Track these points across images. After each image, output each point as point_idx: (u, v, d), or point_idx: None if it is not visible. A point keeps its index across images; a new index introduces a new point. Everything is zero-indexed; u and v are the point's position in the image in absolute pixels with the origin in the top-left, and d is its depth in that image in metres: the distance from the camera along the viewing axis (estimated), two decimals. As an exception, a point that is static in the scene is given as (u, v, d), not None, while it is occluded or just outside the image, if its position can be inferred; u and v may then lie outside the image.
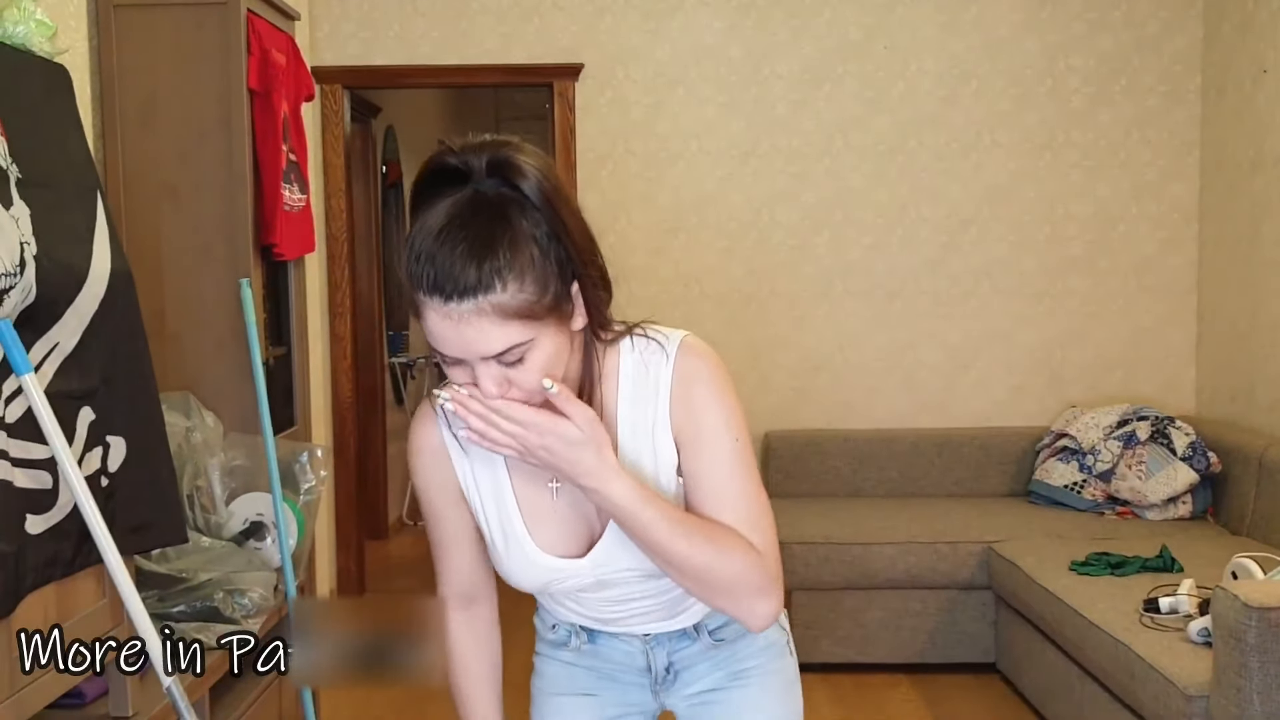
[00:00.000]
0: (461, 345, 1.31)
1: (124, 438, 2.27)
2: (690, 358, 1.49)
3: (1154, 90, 5.07)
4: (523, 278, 1.29)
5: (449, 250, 1.28)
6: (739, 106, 5.16)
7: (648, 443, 1.49)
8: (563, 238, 1.34)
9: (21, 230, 1.89)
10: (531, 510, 1.54)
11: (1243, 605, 2.57)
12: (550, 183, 1.34)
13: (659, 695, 1.74)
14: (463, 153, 1.33)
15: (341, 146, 5.23)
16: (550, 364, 1.35)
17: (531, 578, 1.56)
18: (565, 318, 1.37)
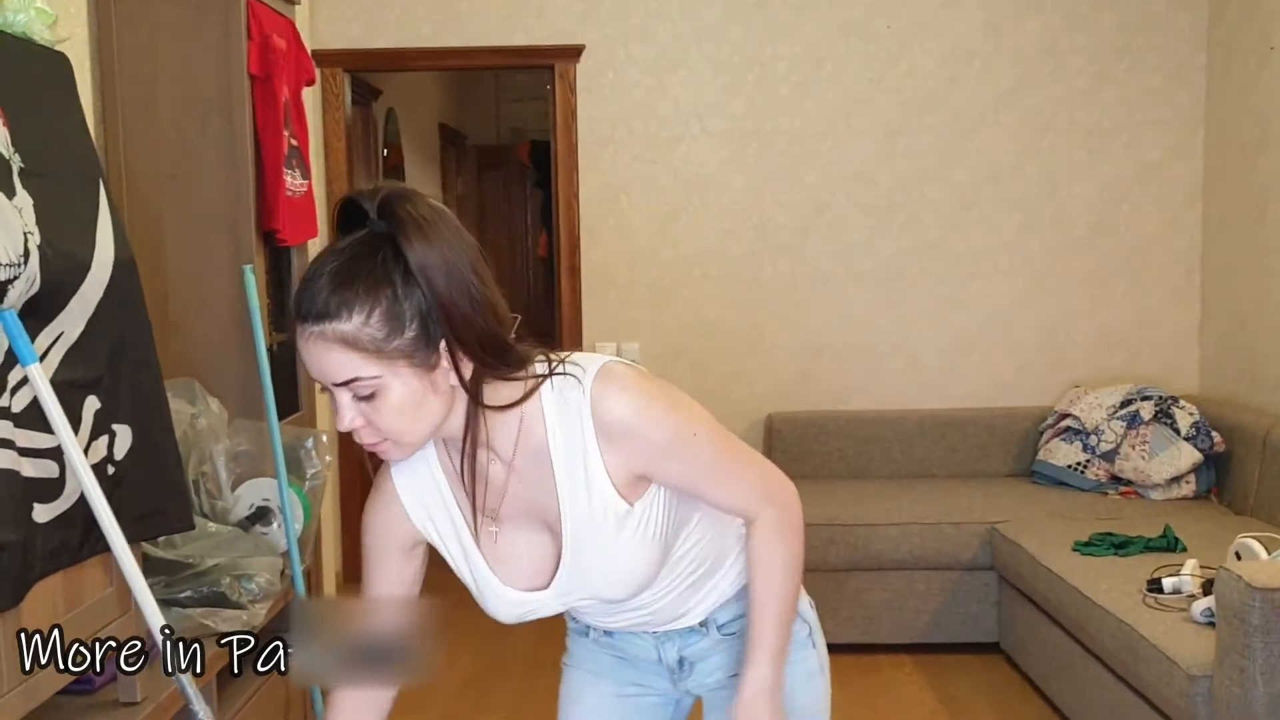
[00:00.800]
0: (315, 368, 1.39)
1: (130, 426, 2.28)
2: (609, 397, 1.47)
3: (1158, 69, 5.05)
4: (370, 314, 1.34)
5: (315, 277, 1.36)
6: (741, 87, 5.14)
7: (581, 476, 1.50)
8: (432, 292, 1.35)
9: (25, 220, 1.89)
10: (491, 550, 1.59)
11: (1246, 586, 2.57)
12: (435, 237, 1.36)
13: (678, 685, 1.79)
14: (363, 195, 1.39)
15: (343, 130, 5.22)
16: (406, 409, 1.39)
17: (505, 612, 1.63)
18: (425, 368, 1.38)
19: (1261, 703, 2.57)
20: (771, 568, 1.60)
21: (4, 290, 1.82)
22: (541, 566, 1.58)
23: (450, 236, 1.38)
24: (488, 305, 1.40)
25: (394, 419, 1.39)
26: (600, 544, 1.53)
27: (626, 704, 1.80)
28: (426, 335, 1.37)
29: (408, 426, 1.41)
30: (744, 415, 5.18)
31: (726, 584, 1.71)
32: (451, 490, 1.57)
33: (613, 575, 1.56)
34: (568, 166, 5.22)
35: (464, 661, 4.36)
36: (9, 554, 1.88)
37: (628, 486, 1.52)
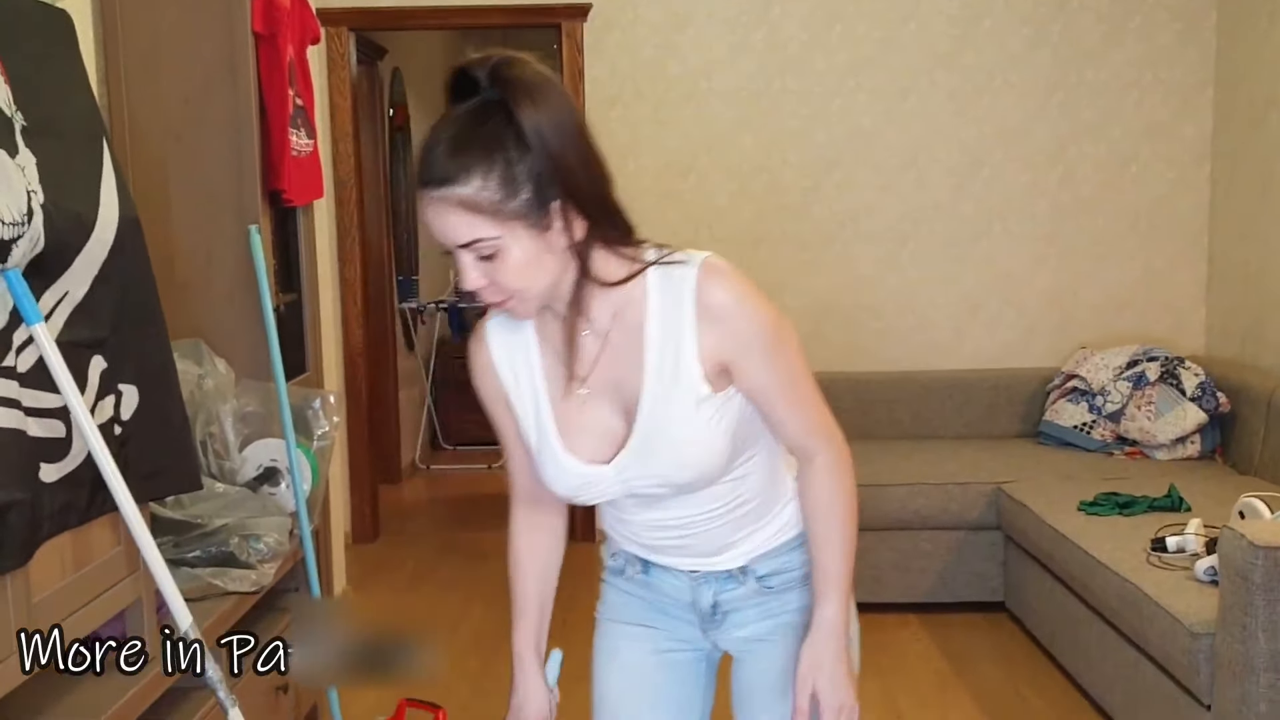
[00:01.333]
0: (438, 231, 1.46)
1: (136, 386, 2.28)
2: (715, 282, 1.54)
3: (1168, 28, 5.01)
4: (486, 178, 1.40)
5: (434, 145, 1.44)
6: (750, 46, 5.11)
7: (671, 353, 1.55)
8: (545, 153, 1.42)
9: (28, 179, 1.89)
10: (564, 418, 1.63)
11: (1249, 544, 2.58)
12: (544, 100, 1.43)
13: (709, 634, 1.79)
14: (474, 64, 1.45)
15: (348, 90, 5.20)
16: (526, 267, 1.46)
17: (562, 482, 1.65)
18: (540, 229, 1.45)
19: (1263, 659, 2.58)
20: (835, 507, 1.65)
21: (8, 249, 1.82)
22: (608, 444, 1.62)
23: (558, 100, 1.45)
24: (597, 165, 1.49)
25: (514, 277, 1.46)
26: (675, 420, 1.56)
27: (662, 659, 1.81)
28: (541, 196, 1.43)
29: (528, 283, 1.48)
30: (751, 376, 5.18)
31: (770, 532, 1.73)
32: (540, 355, 1.63)
33: (680, 454, 1.58)
34: (574, 126, 5.20)
35: (474, 617, 4.40)
36: (16, 513, 1.89)
37: (713, 373, 1.56)
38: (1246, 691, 2.62)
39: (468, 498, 6.59)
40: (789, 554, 1.73)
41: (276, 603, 3.32)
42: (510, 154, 1.41)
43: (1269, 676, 2.59)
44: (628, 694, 1.82)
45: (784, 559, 1.73)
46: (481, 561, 5.18)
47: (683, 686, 1.82)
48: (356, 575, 4.98)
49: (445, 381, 7.70)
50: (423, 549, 5.47)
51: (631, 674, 1.82)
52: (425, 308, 7.37)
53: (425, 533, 5.82)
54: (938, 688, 3.75)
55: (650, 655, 1.81)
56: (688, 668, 1.83)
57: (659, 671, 1.81)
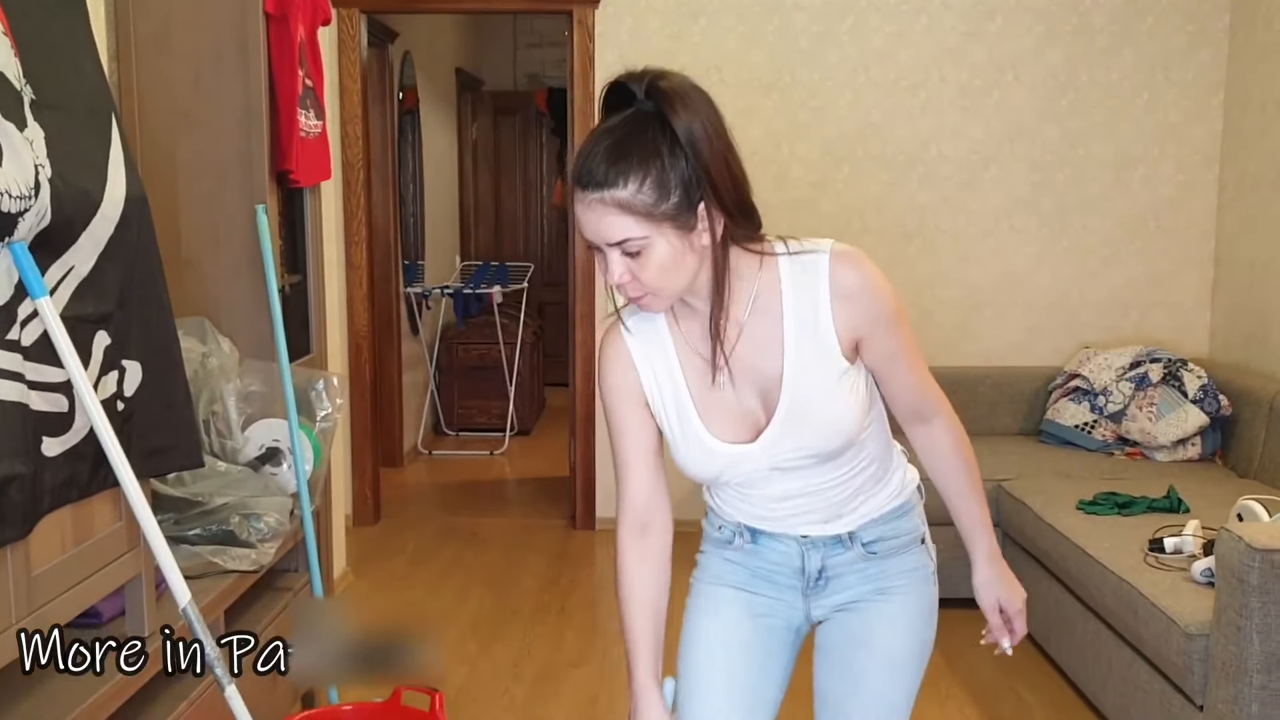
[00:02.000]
0: (592, 230, 1.57)
1: (140, 362, 2.29)
2: (843, 264, 1.68)
3: (1180, 30, 5.00)
4: (643, 182, 1.53)
5: (593, 150, 1.55)
6: (760, 38, 5.11)
7: (810, 335, 1.68)
8: (694, 160, 1.54)
9: (36, 153, 1.90)
10: (704, 405, 1.74)
11: (1246, 547, 2.58)
12: (694, 113, 1.55)
13: (809, 599, 1.89)
14: (630, 78, 1.58)
15: (358, 72, 5.20)
16: (668, 265, 1.58)
17: (708, 465, 1.76)
18: (686, 229, 1.57)
19: (1257, 660, 2.59)
20: (962, 457, 1.86)
21: (14, 222, 1.83)
22: (747, 426, 1.74)
23: (706, 108, 1.58)
24: (738, 166, 1.61)
25: (657, 274, 1.58)
26: (820, 391, 1.69)
27: (757, 623, 1.89)
28: (688, 200, 1.55)
29: (668, 281, 1.60)
30: (754, 368, 5.19)
31: (884, 498, 1.86)
32: (675, 346, 1.75)
33: (828, 420, 1.71)
34: (584, 114, 5.20)
35: (473, 602, 4.41)
36: (18, 486, 1.90)
37: (848, 347, 1.70)
38: (1239, 692, 2.62)
39: (469, 484, 6.61)
40: (894, 521, 1.87)
41: (276, 582, 3.33)
42: (664, 160, 1.53)
43: (1262, 678, 2.60)
44: (721, 646, 1.88)
45: (889, 526, 1.86)
46: (481, 547, 5.19)
47: (770, 651, 1.90)
48: (356, 558, 4.99)
49: (449, 367, 7.71)
50: (423, 533, 5.48)
51: (729, 630, 1.89)
52: (430, 293, 7.38)
53: (426, 517, 5.83)
54: (932, 683, 3.76)
55: (747, 618, 1.89)
56: (779, 636, 1.91)
57: (754, 634, 1.89)
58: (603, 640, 4.13)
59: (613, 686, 3.75)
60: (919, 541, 1.93)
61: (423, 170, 7.37)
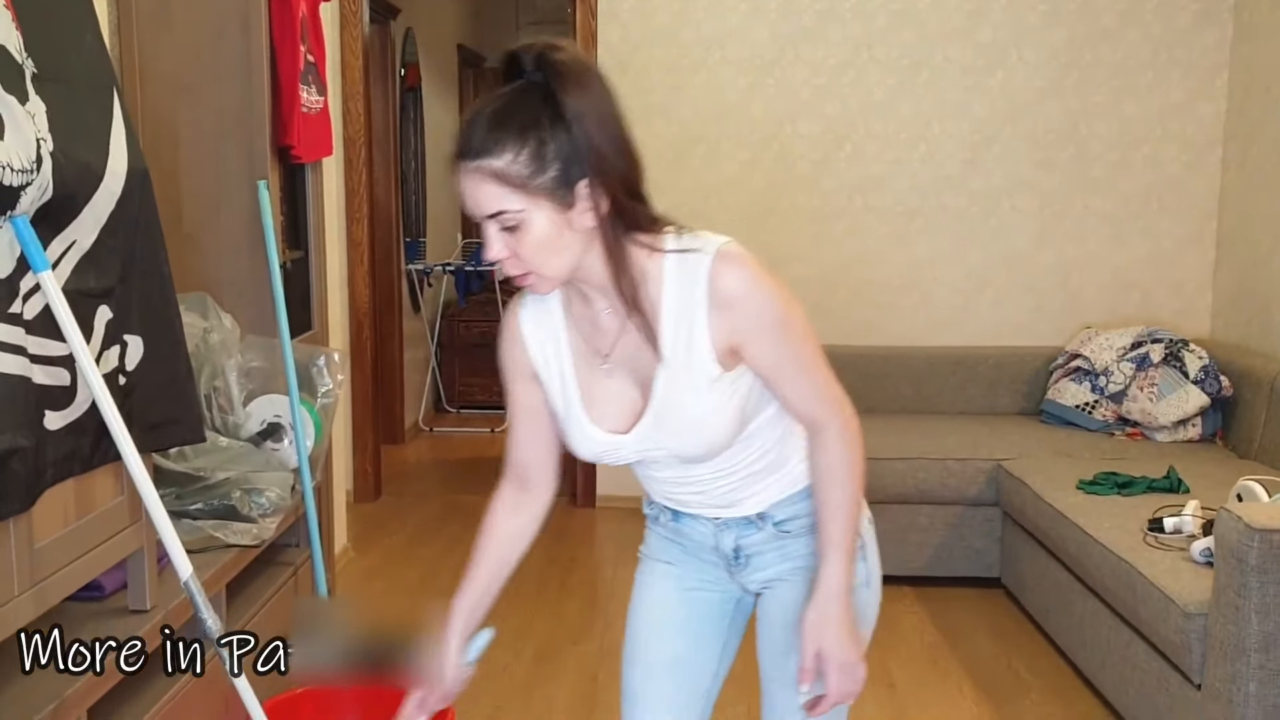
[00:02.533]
0: (470, 201, 1.54)
1: (141, 337, 2.29)
2: (728, 270, 1.61)
3: (1185, 9, 4.97)
4: (518, 153, 1.49)
5: (473, 119, 1.53)
6: (763, 15, 5.09)
7: (685, 339, 1.63)
8: (579, 137, 1.50)
9: (38, 126, 1.89)
10: (589, 390, 1.73)
11: (1245, 526, 2.59)
12: (584, 89, 1.52)
13: (735, 576, 1.90)
14: (523, 48, 1.54)
15: (360, 48, 5.18)
16: (545, 243, 1.55)
17: (586, 448, 1.76)
18: (564, 206, 1.53)
19: (1254, 640, 2.60)
20: (840, 474, 1.73)
21: (16, 196, 1.82)
22: (628, 415, 1.72)
23: (599, 87, 1.55)
24: (630, 153, 1.58)
25: (534, 251, 1.55)
26: (687, 399, 1.66)
27: (688, 596, 1.92)
28: (567, 176, 1.51)
29: (547, 260, 1.56)
30: (755, 347, 5.19)
31: (785, 483, 1.82)
32: (567, 330, 1.74)
33: (691, 430, 1.69)
34: (585, 91, 5.18)
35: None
36: (20, 459, 1.90)
37: (724, 355, 1.64)
38: (1237, 671, 2.63)
39: (470, 460, 6.62)
40: (804, 500, 1.82)
41: (277, 557, 3.35)
42: (544, 133, 1.50)
43: (1259, 657, 2.61)
44: (653, 623, 1.93)
45: (800, 505, 1.82)
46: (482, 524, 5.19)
47: (705, 622, 1.93)
48: (357, 534, 5.01)
49: (450, 344, 7.72)
50: (424, 510, 5.50)
51: (659, 605, 1.93)
52: (432, 270, 7.37)
53: (427, 494, 5.84)
54: (931, 660, 3.77)
55: (677, 591, 1.92)
56: (713, 606, 1.93)
57: (684, 606, 1.92)
58: (603, 618, 4.14)
59: (613, 664, 3.75)
60: None
61: (424, 147, 7.35)
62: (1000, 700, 3.49)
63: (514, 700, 3.49)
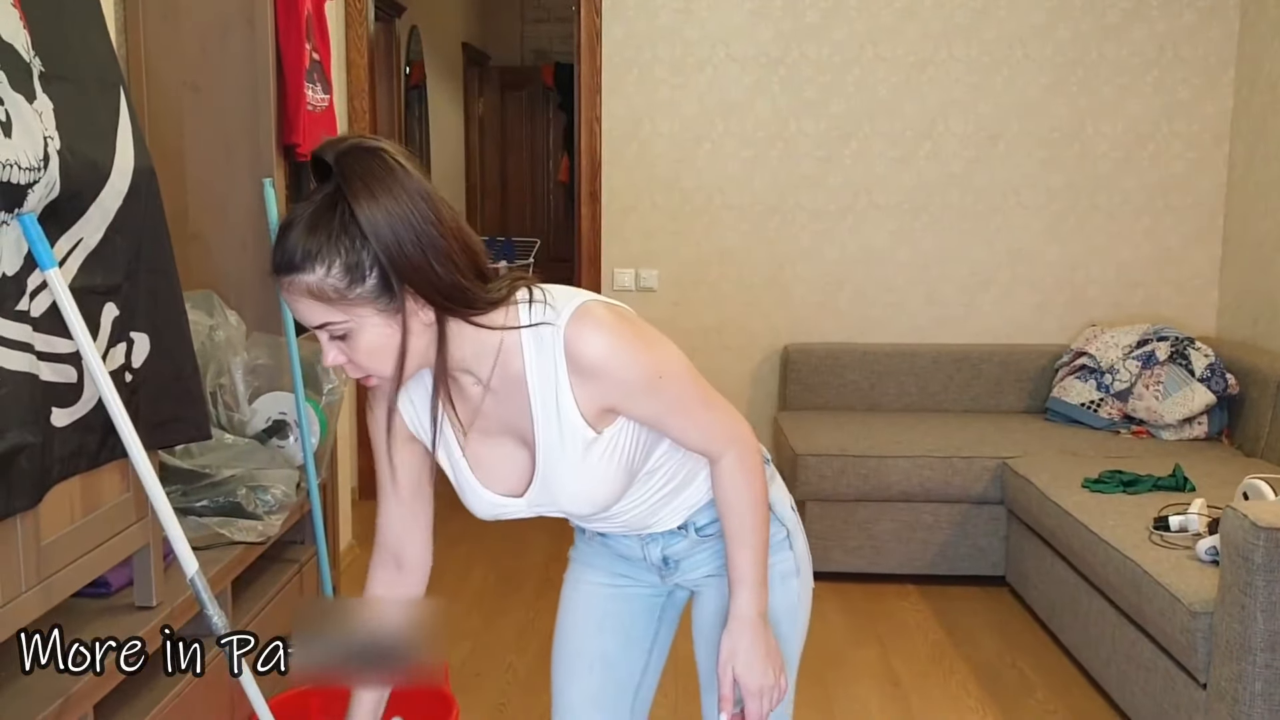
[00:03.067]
0: (294, 313, 1.48)
1: (148, 334, 2.30)
2: (581, 337, 1.55)
3: (1191, 6, 4.96)
4: (330, 267, 1.41)
5: (285, 231, 1.44)
6: (768, 13, 5.08)
7: (553, 405, 1.59)
8: (381, 246, 1.41)
9: (45, 124, 1.90)
10: (475, 456, 1.69)
11: (1251, 525, 2.59)
12: (383, 193, 1.41)
13: (667, 579, 1.90)
14: (325, 148, 1.44)
15: (365, 46, 5.18)
16: (378, 348, 1.47)
17: (481, 509, 1.73)
18: (390, 312, 1.45)
19: (1260, 639, 2.59)
20: (739, 506, 1.69)
21: (24, 194, 1.83)
22: (518, 475, 1.68)
23: (400, 192, 1.42)
24: (444, 255, 1.44)
25: (367, 358, 1.48)
26: (567, 467, 1.62)
27: (615, 592, 1.92)
28: (386, 282, 1.43)
29: (382, 365, 1.49)
30: (760, 346, 5.20)
31: (700, 494, 1.80)
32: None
33: (579, 495, 1.66)
34: (590, 90, 5.19)
35: (477, 575, 4.42)
36: (27, 455, 1.91)
37: (595, 417, 1.60)
38: (1243, 670, 2.63)
39: (474, 458, 6.62)
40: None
41: (282, 554, 3.35)
42: (355, 243, 1.41)
43: (1265, 656, 2.60)
44: (579, 618, 1.93)
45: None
46: (485, 522, 5.20)
47: (634, 619, 1.93)
48: (362, 531, 5.01)
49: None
50: (428, 507, 5.49)
51: (586, 600, 1.93)
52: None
53: (431, 491, 5.84)
54: (935, 658, 3.77)
55: (604, 586, 1.92)
56: (641, 601, 1.93)
57: (611, 601, 1.92)
58: (607, 614, 4.15)
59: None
60: None
61: (429, 145, 7.36)
62: (1005, 699, 3.49)
63: (518, 696, 3.50)
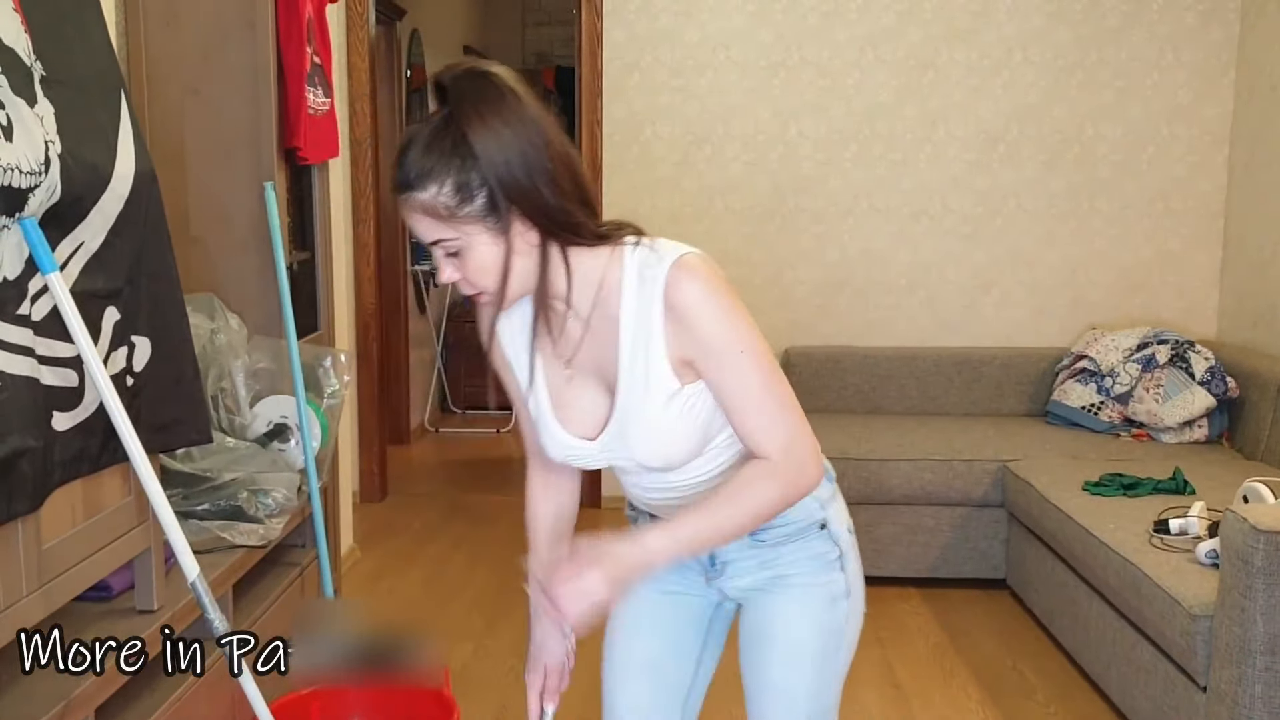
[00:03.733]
0: (411, 229, 1.58)
1: (149, 338, 2.30)
2: (682, 281, 1.58)
3: (1191, 9, 4.97)
4: (443, 185, 1.50)
5: (404, 150, 1.52)
6: (769, 16, 5.09)
7: (643, 346, 1.62)
8: (490, 167, 1.49)
9: (46, 128, 1.90)
10: (558, 394, 1.73)
11: (1251, 528, 2.59)
12: (494, 116, 1.49)
13: (713, 583, 1.87)
14: (440, 75, 1.53)
15: (366, 49, 5.19)
16: (487, 267, 1.55)
17: (554, 450, 1.77)
18: (498, 232, 1.53)
19: (1260, 642, 2.59)
20: (739, 495, 1.62)
21: (25, 198, 1.83)
22: (595, 420, 1.71)
23: (511, 115, 1.50)
24: (550, 180, 1.52)
25: (476, 275, 1.56)
26: (646, 413, 1.65)
27: (664, 599, 1.91)
28: (494, 203, 1.51)
29: (492, 282, 1.57)
30: (760, 348, 5.19)
31: None
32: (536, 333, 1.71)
33: (652, 444, 1.68)
34: (591, 93, 5.19)
35: (479, 578, 4.43)
36: (29, 459, 1.91)
37: (680, 367, 1.62)
38: (1243, 674, 2.63)
39: (475, 461, 6.63)
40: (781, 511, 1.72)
41: (283, 558, 3.35)
42: (464, 163, 1.49)
43: (1265, 659, 2.60)
44: (629, 625, 1.94)
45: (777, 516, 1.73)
46: (487, 524, 5.21)
47: (684, 626, 1.92)
48: (363, 535, 5.02)
49: (456, 345, 7.73)
50: (429, 510, 5.50)
51: (636, 606, 1.91)
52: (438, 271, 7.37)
53: (432, 494, 5.85)
54: (935, 660, 3.77)
55: (657, 593, 1.90)
56: (692, 609, 1.92)
57: (662, 607, 1.91)
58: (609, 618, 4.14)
59: (618, 663, 3.76)
60: (818, 528, 1.80)
61: (430, 148, 7.35)
62: (1005, 702, 3.49)
63: (520, 701, 3.48)
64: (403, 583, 4.49)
